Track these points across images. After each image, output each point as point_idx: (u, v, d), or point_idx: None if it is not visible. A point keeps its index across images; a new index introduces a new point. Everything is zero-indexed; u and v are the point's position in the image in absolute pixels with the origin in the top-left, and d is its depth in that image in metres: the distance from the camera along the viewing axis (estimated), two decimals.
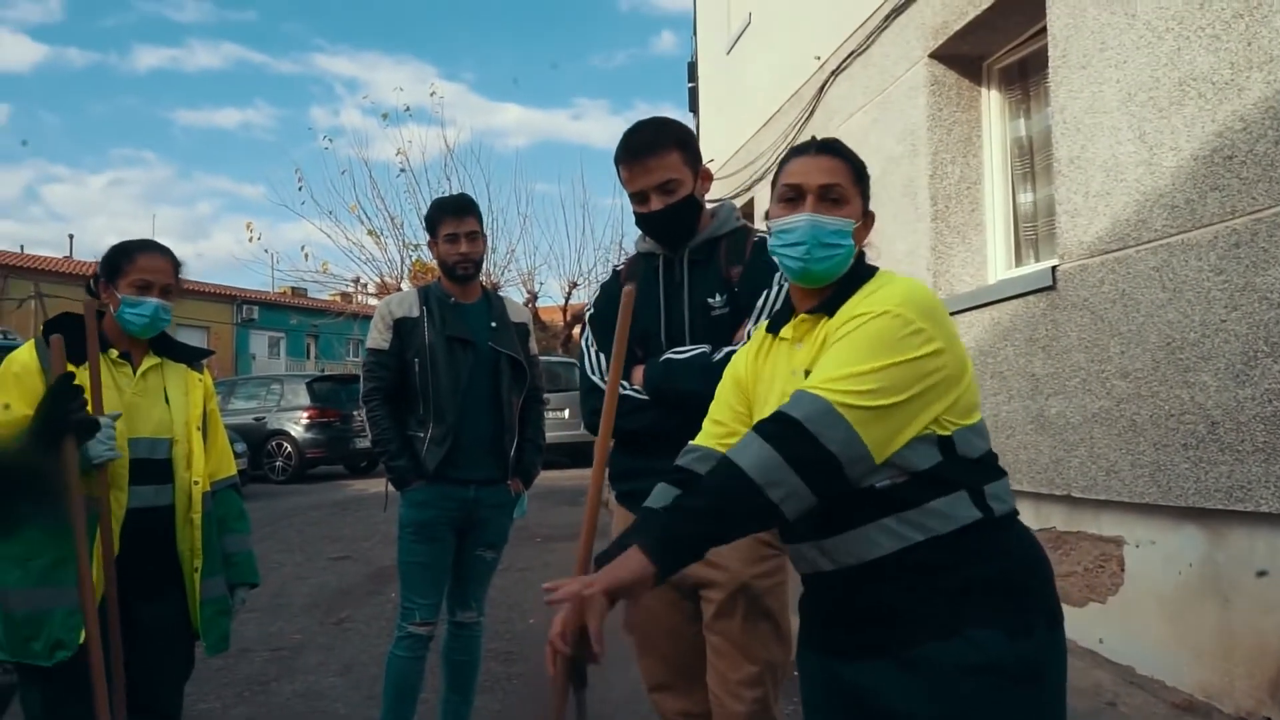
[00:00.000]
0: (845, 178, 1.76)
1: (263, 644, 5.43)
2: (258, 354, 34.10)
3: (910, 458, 1.59)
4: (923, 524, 1.59)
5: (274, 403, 16.02)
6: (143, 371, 2.57)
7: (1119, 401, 4.18)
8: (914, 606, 1.60)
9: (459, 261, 3.45)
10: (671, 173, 2.34)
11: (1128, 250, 4.15)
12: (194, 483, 2.58)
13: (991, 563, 1.61)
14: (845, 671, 1.69)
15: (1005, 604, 1.60)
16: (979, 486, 1.63)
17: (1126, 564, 4.25)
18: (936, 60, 5.86)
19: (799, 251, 1.72)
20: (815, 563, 1.70)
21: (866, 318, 1.62)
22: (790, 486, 1.50)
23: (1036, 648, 1.60)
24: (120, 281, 2.53)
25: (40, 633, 2.33)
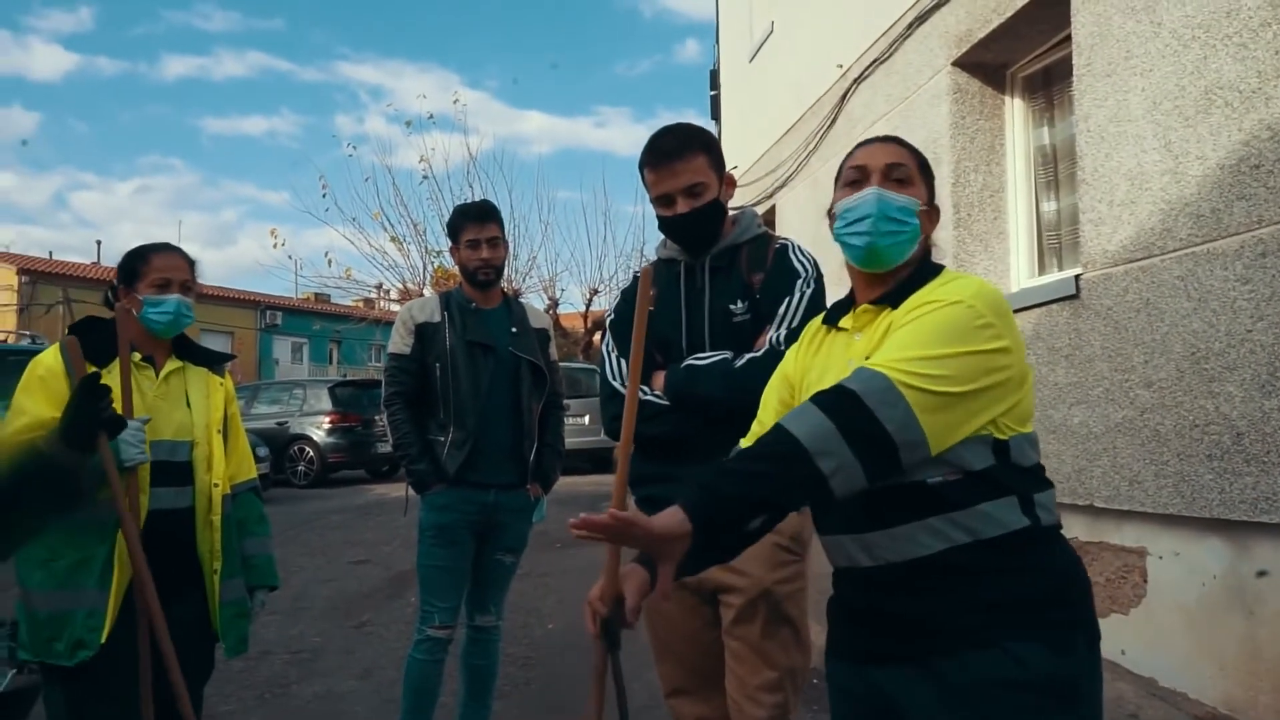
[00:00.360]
0: (910, 162, 1.75)
1: (283, 647, 5.46)
2: (281, 359, 34.35)
3: (965, 456, 1.55)
4: (970, 526, 1.55)
5: (296, 407, 16.11)
6: (165, 375, 2.60)
7: (1143, 411, 4.15)
8: (952, 614, 1.55)
9: (480, 267, 3.48)
10: (698, 176, 2.35)
11: (1152, 259, 4.12)
12: (214, 485, 2.60)
13: (1035, 574, 1.57)
14: (875, 676, 1.65)
15: (1046, 618, 1.55)
16: (1029, 494, 1.60)
17: (1150, 575, 4.21)
18: (959, 68, 5.84)
19: (865, 226, 1.69)
20: (854, 558, 1.65)
21: (937, 305, 1.58)
22: (842, 459, 1.44)
23: (1077, 666, 1.55)
24: (139, 284, 2.57)
25: (62, 633, 2.35)
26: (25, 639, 2.42)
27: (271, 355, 33.93)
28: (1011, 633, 1.52)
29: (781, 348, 2.26)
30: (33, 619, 2.39)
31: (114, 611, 2.37)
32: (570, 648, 5.35)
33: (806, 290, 2.34)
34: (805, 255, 2.43)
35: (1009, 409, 1.58)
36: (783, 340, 2.27)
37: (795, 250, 2.43)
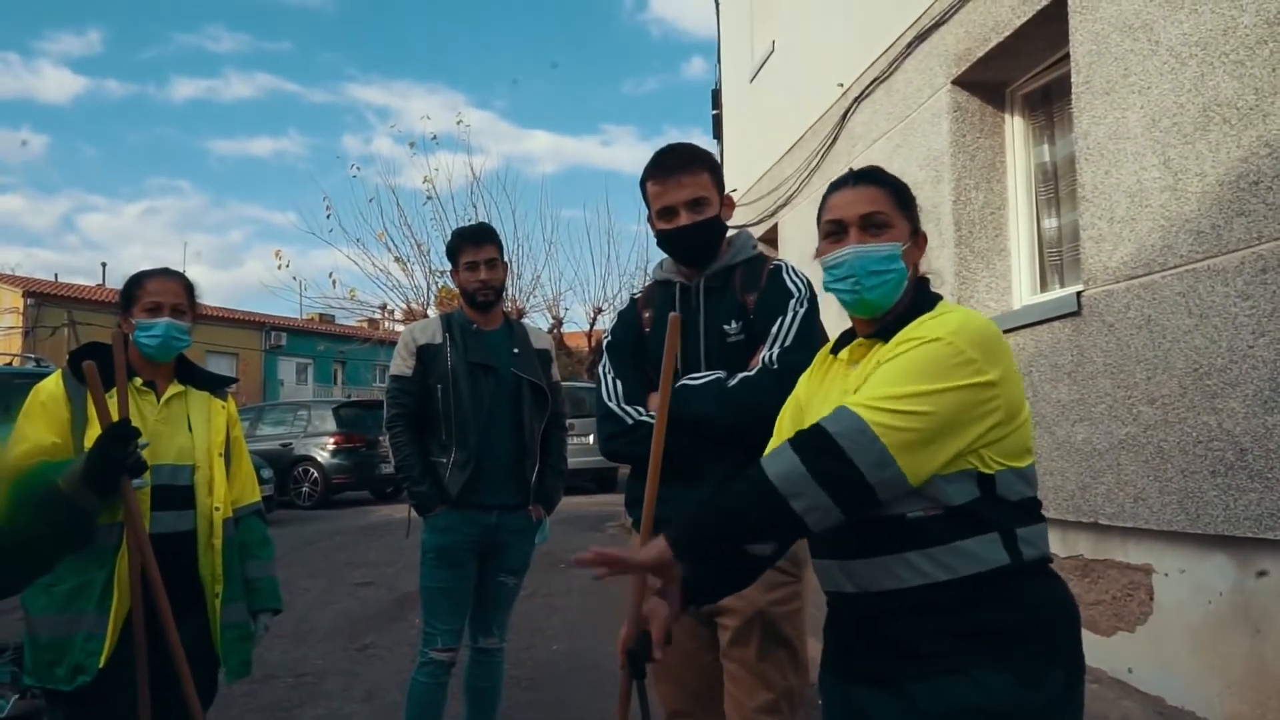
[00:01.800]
0: (886, 204, 1.76)
1: (286, 670, 5.45)
2: (285, 380, 34.39)
3: (946, 491, 1.57)
4: (947, 564, 1.57)
5: (301, 429, 16.13)
6: (166, 399, 2.61)
7: (1146, 428, 4.14)
8: (924, 640, 1.58)
9: (478, 289, 3.50)
10: (702, 190, 2.40)
11: (1153, 276, 4.12)
12: (215, 509, 2.60)
13: (1011, 606, 1.58)
14: (855, 695, 1.68)
15: (1017, 650, 1.56)
16: (1012, 529, 1.60)
17: (1155, 593, 4.20)
18: (959, 87, 5.87)
19: (849, 284, 1.73)
20: (838, 582, 1.69)
21: (916, 343, 1.61)
22: (814, 500, 1.49)
23: (1046, 700, 1.55)
24: (134, 309, 2.61)
25: (63, 658, 2.36)
26: (29, 664, 2.43)
27: (276, 376, 33.97)
28: (981, 661, 1.55)
29: (775, 367, 2.27)
30: (35, 643, 2.40)
31: (113, 636, 2.37)
32: (575, 669, 5.34)
33: (800, 310, 2.35)
34: (799, 276, 2.45)
35: (994, 442, 1.59)
36: (775, 360, 2.28)
37: (789, 271, 2.45)
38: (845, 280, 1.73)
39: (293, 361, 35.07)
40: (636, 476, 2.54)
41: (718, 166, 2.51)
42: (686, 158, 2.43)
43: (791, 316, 2.34)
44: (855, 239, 1.73)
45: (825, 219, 1.79)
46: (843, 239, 1.75)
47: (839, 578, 1.68)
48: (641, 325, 2.53)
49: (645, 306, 2.55)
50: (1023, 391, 1.67)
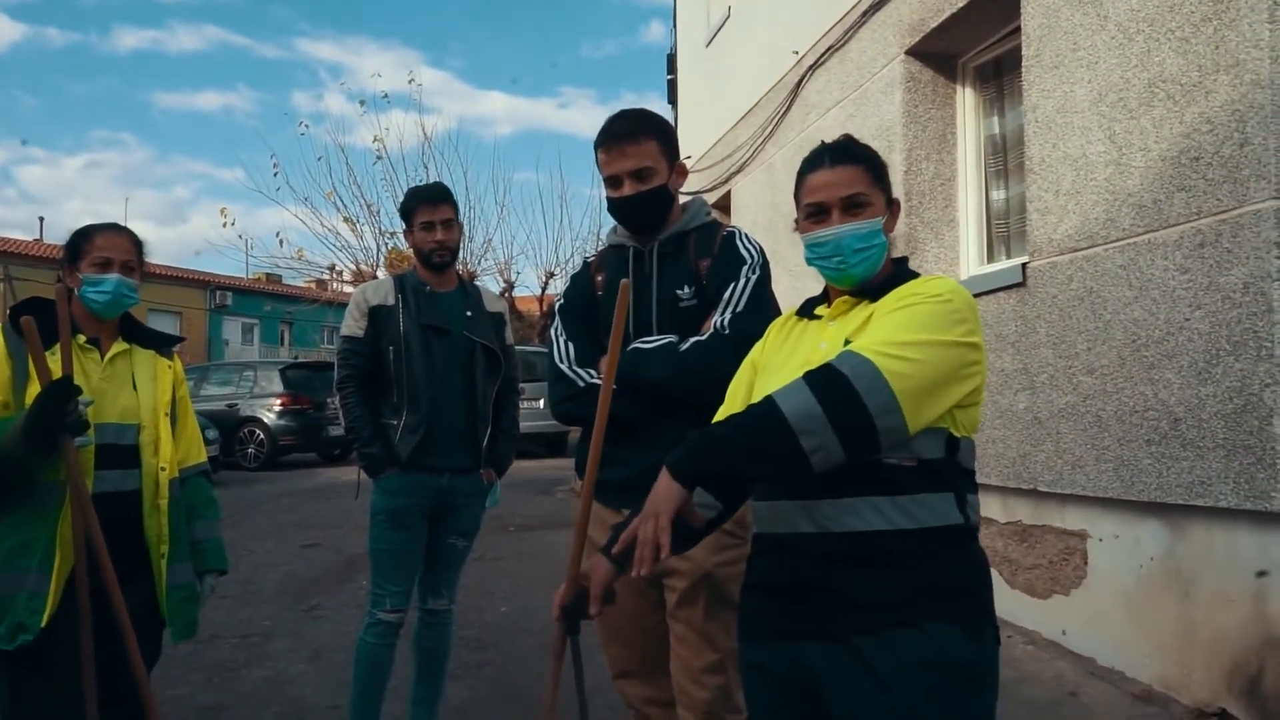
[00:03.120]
0: (864, 182, 1.79)
1: (231, 631, 5.41)
2: (231, 340, 33.82)
3: (924, 445, 1.63)
4: (912, 512, 1.63)
5: (247, 389, 15.91)
6: (110, 357, 2.56)
7: (1085, 397, 4.25)
8: (876, 591, 1.62)
9: (435, 249, 3.46)
10: (647, 160, 2.38)
11: (1096, 249, 4.21)
12: (161, 469, 2.57)
13: (958, 565, 1.66)
14: (795, 653, 1.70)
15: (963, 605, 1.64)
16: (964, 494, 1.68)
17: (1090, 557, 4.33)
18: (912, 57, 5.91)
19: (834, 262, 1.78)
20: (794, 522, 1.71)
21: (920, 297, 1.67)
22: (824, 440, 1.53)
23: (986, 654, 1.65)
24: (81, 263, 2.53)
25: (3, 616, 2.32)
26: None
27: (221, 336, 33.39)
28: (931, 614, 1.60)
29: (726, 332, 2.29)
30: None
31: (55, 595, 2.34)
32: (523, 631, 5.37)
33: (752, 276, 2.37)
34: (752, 242, 2.46)
35: (967, 407, 1.67)
36: (727, 325, 2.30)
37: (742, 237, 2.46)
38: (830, 258, 1.78)
39: (238, 321, 34.48)
40: (587, 440, 2.55)
41: (669, 133, 2.49)
42: (633, 126, 2.41)
43: (744, 283, 2.35)
44: (838, 220, 1.77)
45: (806, 201, 1.81)
46: (825, 220, 1.78)
47: (797, 518, 1.70)
48: (594, 288, 2.53)
49: (598, 270, 2.55)
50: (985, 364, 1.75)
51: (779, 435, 1.53)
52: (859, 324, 1.72)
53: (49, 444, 1.98)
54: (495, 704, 4.26)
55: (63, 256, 2.61)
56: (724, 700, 2.31)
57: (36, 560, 2.33)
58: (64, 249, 2.61)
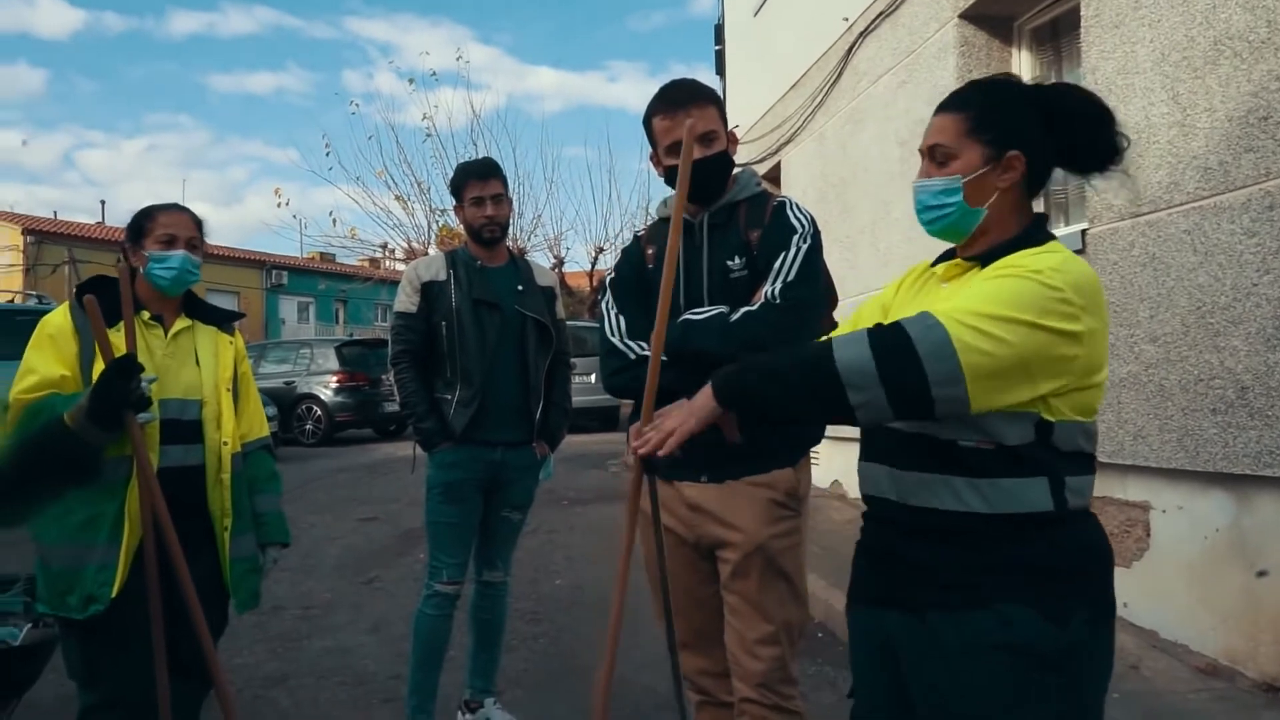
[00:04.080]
0: (953, 133, 1.68)
1: (294, 602, 5.54)
2: (287, 319, 34.37)
3: (1003, 429, 1.55)
4: (989, 497, 1.56)
5: (304, 367, 16.16)
6: (174, 334, 2.60)
7: (1147, 366, 4.15)
8: (953, 569, 1.59)
9: (485, 224, 3.47)
10: (711, 124, 2.38)
11: (1159, 213, 4.10)
12: (223, 443, 2.61)
13: (1044, 545, 1.56)
14: (883, 620, 1.70)
15: (1045, 586, 1.55)
16: (1061, 477, 1.58)
17: (1153, 529, 4.24)
18: (966, 21, 5.78)
19: (919, 215, 1.74)
20: (881, 486, 1.70)
21: (1019, 270, 1.55)
22: (872, 396, 1.48)
23: (1071, 639, 1.55)
24: (145, 241, 2.58)
25: (74, 587, 2.38)
26: (43, 592, 2.46)
27: (278, 315, 33.95)
28: (1006, 595, 1.55)
29: (777, 302, 2.27)
30: (47, 572, 2.43)
31: (125, 566, 2.40)
32: (577, 604, 5.42)
33: (803, 246, 2.34)
34: (803, 212, 2.43)
35: (1066, 392, 1.55)
36: (778, 294, 2.27)
37: (793, 207, 2.44)
38: (918, 211, 1.74)
39: (294, 300, 35.03)
40: (639, 411, 2.55)
41: (721, 102, 2.49)
42: (692, 91, 2.41)
43: (795, 252, 2.33)
44: (923, 169, 1.73)
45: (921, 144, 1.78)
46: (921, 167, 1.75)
47: (885, 484, 1.69)
48: (645, 261, 2.52)
49: (649, 243, 2.54)
50: (1106, 350, 1.62)
51: (827, 383, 1.50)
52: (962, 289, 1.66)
53: (113, 420, 2.02)
54: (551, 675, 4.31)
55: (125, 237, 2.66)
56: (779, 672, 2.31)
57: (105, 534, 2.39)
58: (126, 229, 2.66)
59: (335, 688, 4.20)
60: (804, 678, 3.00)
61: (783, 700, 2.31)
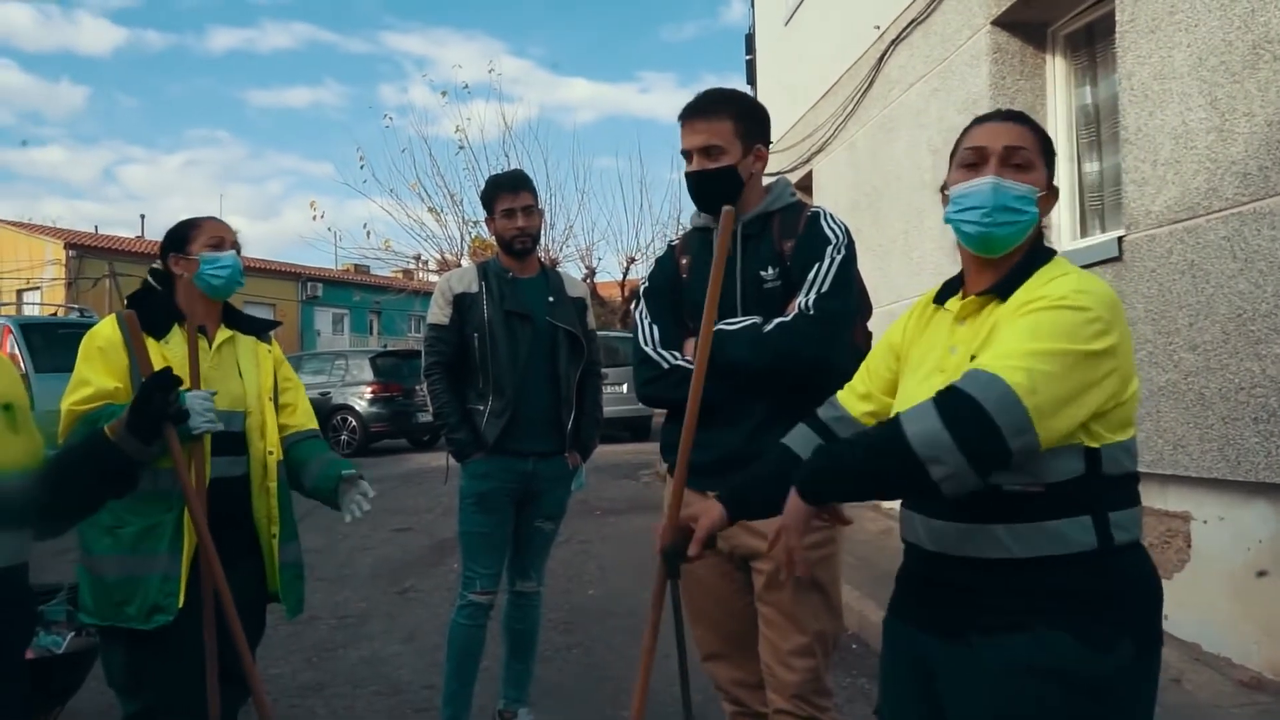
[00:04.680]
0: (1031, 144, 1.68)
1: (329, 612, 5.57)
2: (322, 330, 34.72)
3: (1053, 466, 1.53)
4: (1033, 542, 1.54)
5: (339, 378, 16.31)
6: (217, 345, 2.60)
7: (1187, 374, 4.10)
8: (994, 596, 1.56)
9: (516, 236, 3.50)
10: (717, 138, 2.36)
11: (1197, 220, 4.04)
12: (268, 453, 2.62)
13: (1089, 573, 1.54)
14: (920, 640, 1.69)
15: (1088, 613, 1.53)
16: (1105, 513, 1.55)
17: (1194, 540, 4.18)
18: (999, 27, 5.74)
19: (977, 215, 1.64)
20: (919, 535, 1.69)
21: (1045, 302, 1.54)
22: (955, 467, 1.45)
23: (1113, 667, 1.52)
24: (191, 246, 2.58)
25: (134, 597, 2.38)
26: (89, 603, 2.45)
27: (313, 326, 34.30)
28: (1047, 620, 1.52)
29: (810, 313, 2.26)
30: (100, 584, 2.42)
31: (186, 576, 2.40)
32: (610, 614, 5.42)
33: (837, 256, 2.33)
34: (837, 223, 2.42)
35: (1104, 414, 1.54)
36: (811, 305, 2.27)
37: (827, 218, 2.43)
38: (974, 210, 1.64)
39: (329, 312, 35.38)
40: (672, 422, 2.55)
41: (751, 115, 2.44)
42: (710, 102, 2.40)
43: (829, 263, 2.32)
44: (995, 170, 1.65)
45: (965, 146, 1.70)
46: (981, 169, 1.66)
47: (920, 532, 1.68)
48: (679, 271, 2.53)
49: (682, 253, 2.55)
50: (1133, 360, 1.61)
51: (906, 463, 1.48)
52: (987, 333, 1.61)
53: (152, 432, 2.04)
54: (584, 685, 4.31)
55: (165, 247, 2.65)
56: (814, 683, 2.30)
57: (166, 544, 2.40)
58: (166, 241, 2.66)
59: (370, 697, 4.22)
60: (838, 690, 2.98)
61: (817, 712, 2.29)
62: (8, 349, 10.07)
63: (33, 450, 1.88)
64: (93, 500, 2.04)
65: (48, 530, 1.91)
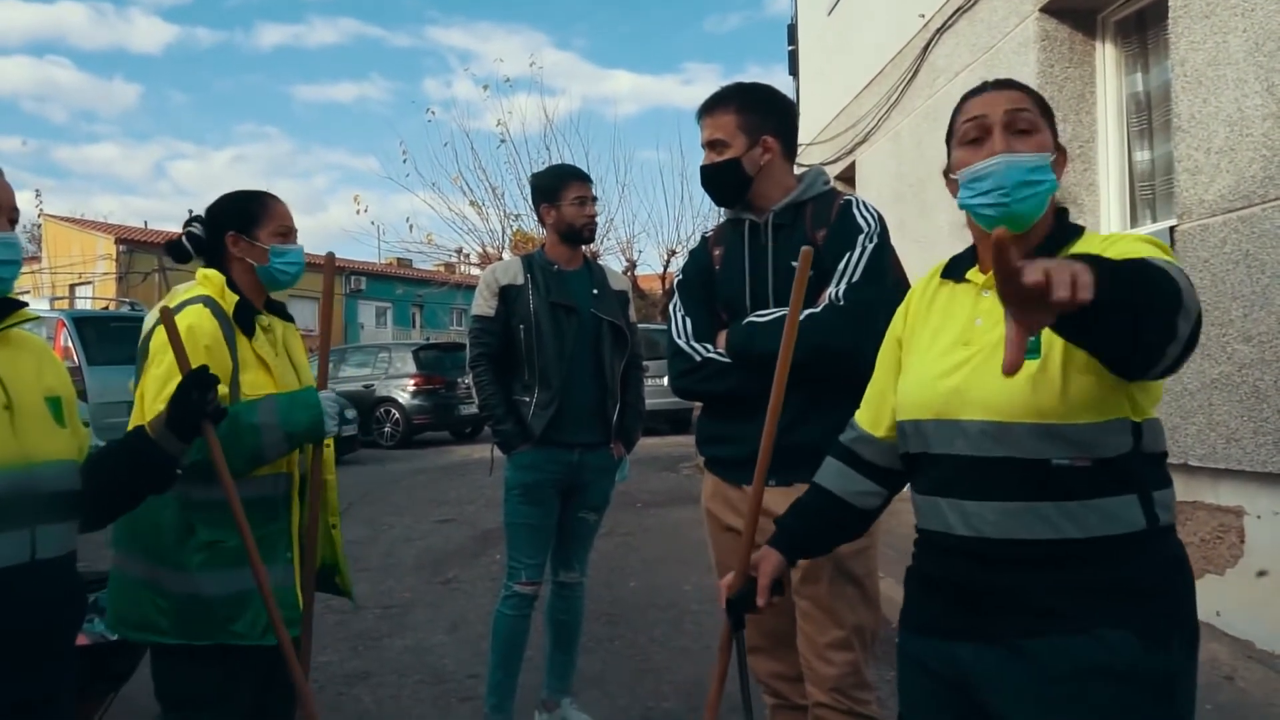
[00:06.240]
0: (1030, 105, 1.60)
1: (374, 602, 5.64)
2: (365, 324, 35.08)
3: (1103, 438, 1.45)
4: (1083, 520, 1.45)
5: (382, 370, 16.45)
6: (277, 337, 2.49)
7: (1240, 367, 4.01)
8: (1043, 595, 1.47)
9: (586, 224, 3.55)
10: (719, 133, 2.39)
11: (1253, 208, 3.96)
12: (325, 444, 2.48)
13: (1138, 564, 1.47)
14: (954, 652, 1.56)
15: (1143, 608, 1.45)
16: (1149, 492, 1.49)
17: (1247, 535, 4.10)
18: (1047, 14, 5.65)
19: (995, 197, 1.54)
20: (947, 522, 1.56)
21: (1130, 239, 1.46)
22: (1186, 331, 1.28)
23: (1171, 662, 1.46)
24: (259, 231, 2.38)
25: (242, 613, 2.26)
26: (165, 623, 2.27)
27: (357, 320, 34.67)
28: (1105, 619, 1.44)
29: (841, 303, 2.24)
30: (196, 600, 2.25)
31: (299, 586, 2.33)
32: (652, 606, 5.43)
33: (869, 245, 2.31)
34: (870, 210, 2.39)
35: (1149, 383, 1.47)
36: (842, 296, 2.25)
37: (860, 205, 2.40)
38: (991, 194, 1.55)
39: (372, 305, 35.73)
40: (706, 414, 2.55)
41: (756, 105, 2.42)
42: (716, 98, 2.44)
43: (860, 252, 2.30)
44: (1001, 141, 1.55)
45: (964, 119, 1.62)
46: (985, 142, 1.57)
47: (951, 518, 1.55)
48: (712, 263, 2.52)
49: (716, 244, 2.54)
50: None
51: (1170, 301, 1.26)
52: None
53: (192, 431, 2.00)
54: (627, 677, 4.32)
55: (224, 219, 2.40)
56: (853, 676, 2.28)
57: (281, 554, 2.33)
58: (226, 214, 2.41)
59: (415, 686, 4.27)
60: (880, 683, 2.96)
61: (857, 705, 2.28)
62: (61, 343, 10.29)
63: (78, 443, 1.89)
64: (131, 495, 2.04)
65: (90, 522, 1.93)
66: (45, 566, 1.72)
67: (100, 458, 1.95)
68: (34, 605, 1.69)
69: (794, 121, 2.56)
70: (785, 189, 2.44)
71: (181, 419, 1.94)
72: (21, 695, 1.69)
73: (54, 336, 10.22)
